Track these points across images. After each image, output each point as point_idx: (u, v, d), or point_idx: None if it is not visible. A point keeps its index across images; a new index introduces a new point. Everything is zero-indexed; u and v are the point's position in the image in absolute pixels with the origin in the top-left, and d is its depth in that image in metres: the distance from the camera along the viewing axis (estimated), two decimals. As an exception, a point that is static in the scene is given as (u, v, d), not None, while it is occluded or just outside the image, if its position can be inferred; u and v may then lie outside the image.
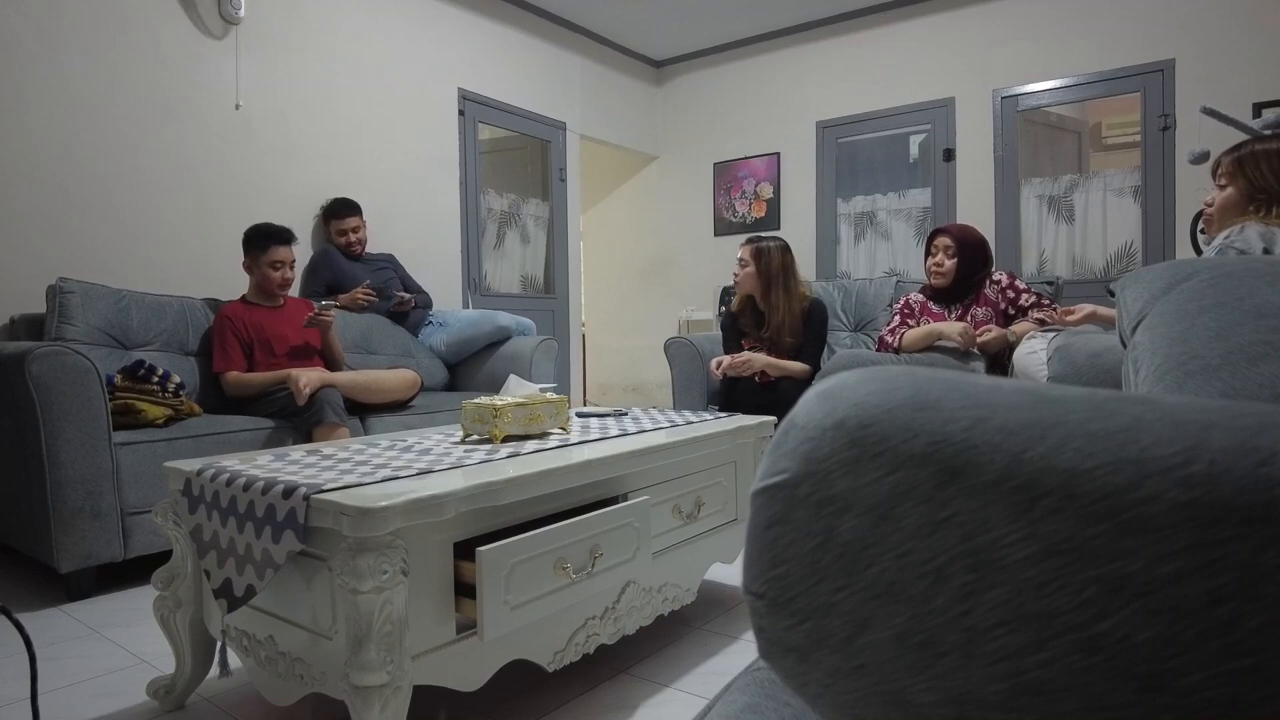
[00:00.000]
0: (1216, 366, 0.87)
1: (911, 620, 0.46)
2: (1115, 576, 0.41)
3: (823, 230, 8.61)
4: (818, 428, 0.50)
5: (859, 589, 0.47)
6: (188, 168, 5.40)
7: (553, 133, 8.40)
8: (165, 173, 5.29)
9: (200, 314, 4.76)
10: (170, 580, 2.44)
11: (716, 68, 9.36)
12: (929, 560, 0.45)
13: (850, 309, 6.10)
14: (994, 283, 4.78)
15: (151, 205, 5.22)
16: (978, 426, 0.46)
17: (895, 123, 8.22)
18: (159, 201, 5.25)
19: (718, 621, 3.13)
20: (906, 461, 0.46)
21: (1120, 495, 0.41)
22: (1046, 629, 0.42)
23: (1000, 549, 0.43)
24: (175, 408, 3.97)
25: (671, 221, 9.69)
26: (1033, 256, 7.49)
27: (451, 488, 1.99)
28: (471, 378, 5.92)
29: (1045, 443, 0.44)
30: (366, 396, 4.60)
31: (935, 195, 7.95)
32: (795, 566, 0.49)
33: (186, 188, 5.39)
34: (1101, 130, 7.95)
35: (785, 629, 0.50)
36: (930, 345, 4.64)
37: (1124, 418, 0.45)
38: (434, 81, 7.09)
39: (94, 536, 3.49)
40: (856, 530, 0.47)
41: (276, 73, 5.89)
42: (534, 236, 8.37)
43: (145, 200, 5.19)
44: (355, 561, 1.80)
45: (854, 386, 0.51)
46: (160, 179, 5.26)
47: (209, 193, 5.50)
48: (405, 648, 1.87)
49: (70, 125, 4.85)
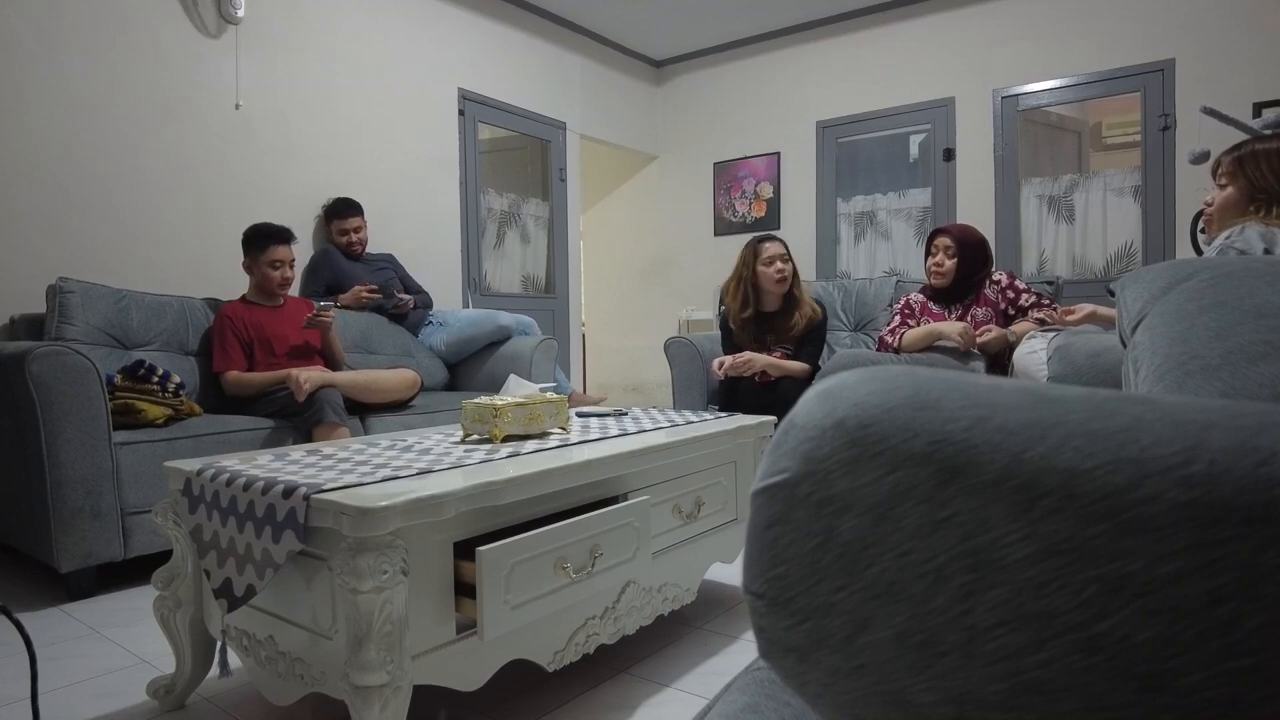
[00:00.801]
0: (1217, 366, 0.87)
1: (911, 620, 0.46)
2: (1115, 576, 0.41)
3: (823, 230, 8.61)
4: (818, 427, 0.50)
5: (859, 589, 0.47)
6: (188, 167, 5.40)
7: (553, 132, 8.39)
8: (165, 172, 5.29)
9: (200, 314, 4.75)
10: (170, 580, 2.44)
11: (716, 67, 9.36)
12: (929, 560, 0.45)
13: (850, 309, 6.10)
14: (994, 283, 4.78)
15: (151, 205, 5.22)
16: (978, 426, 0.46)
17: (895, 122, 8.22)
18: (159, 201, 5.26)
19: (718, 621, 3.13)
20: (906, 461, 0.46)
21: (1120, 495, 0.41)
22: (1046, 629, 0.42)
23: (1000, 549, 0.43)
24: (175, 407, 3.97)
25: (671, 221, 9.68)
26: (1033, 256, 7.50)
27: (451, 487, 1.99)
28: (471, 378, 5.92)
29: (1045, 442, 0.44)
30: (366, 396, 4.59)
31: (935, 195, 7.95)
32: (795, 566, 0.49)
33: (186, 187, 5.39)
34: (1101, 130, 7.94)
35: (785, 629, 0.50)
36: (930, 345, 4.64)
37: (1124, 417, 0.45)
38: (434, 81, 7.09)
39: (94, 536, 3.49)
40: (856, 530, 0.47)
41: (276, 73, 5.89)
42: (534, 236, 8.37)
43: (145, 200, 5.19)
44: (355, 561, 1.80)
45: (854, 386, 0.51)
46: (160, 179, 5.26)
47: (209, 192, 5.51)
48: (405, 647, 1.87)
49: (70, 125, 4.86)
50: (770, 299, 4.98)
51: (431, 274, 6.83)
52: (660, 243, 9.75)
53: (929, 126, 8.01)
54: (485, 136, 7.81)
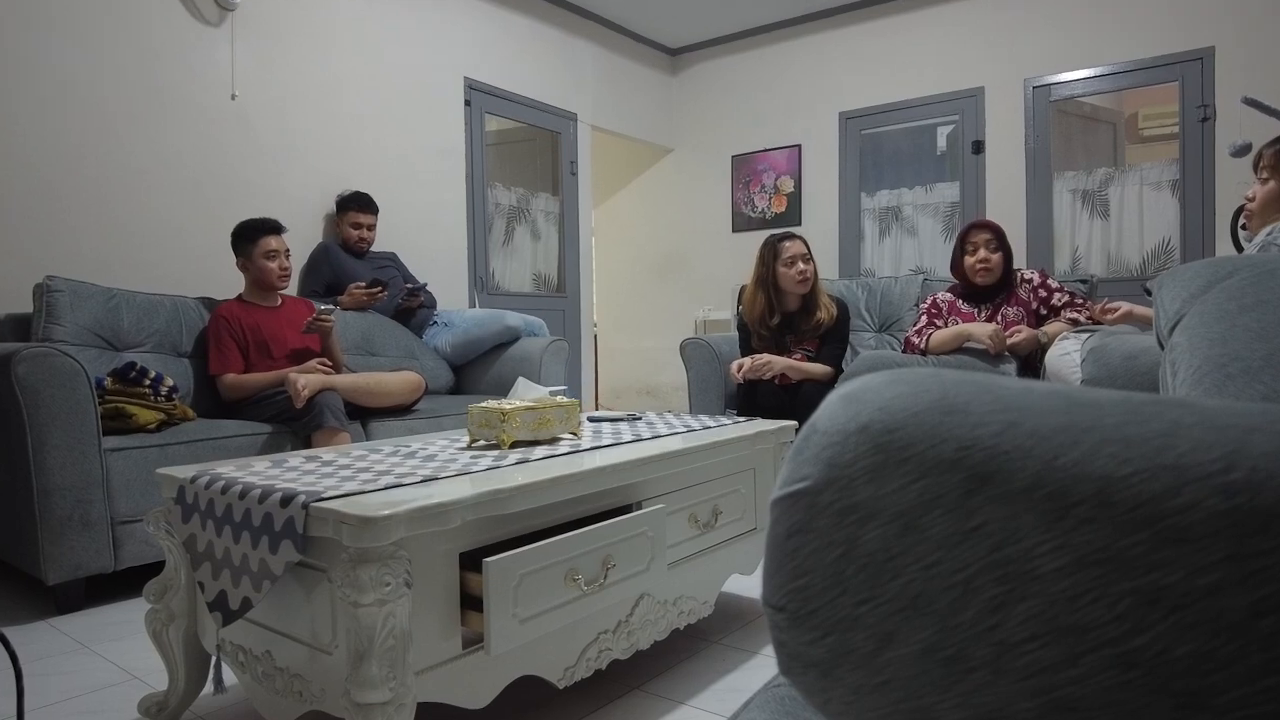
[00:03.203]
0: (1258, 368, 0.87)
1: (939, 634, 0.46)
2: (1152, 588, 0.41)
3: (846, 226, 8.60)
4: (841, 432, 0.50)
5: (884, 601, 0.47)
6: (181, 161, 5.41)
7: (563, 124, 8.40)
8: (157, 166, 5.30)
9: (194, 314, 4.76)
10: (163, 592, 2.44)
11: (734, 56, 9.34)
12: (957, 571, 0.45)
13: (875, 309, 6.10)
14: (1025, 281, 4.77)
15: (143, 200, 5.23)
16: (1008, 431, 0.46)
17: (922, 113, 8.20)
18: (151, 196, 5.27)
19: (736, 636, 3.12)
20: (934, 468, 0.47)
21: (1157, 503, 0.41)
22: (1080, 643, 0.42)
23: (1031, 560, 0.43)
24: (168, 412, 3.98)
25: (687, 217, 9.67)
26: (1066, 253, 7.47)
27: (457, 496, 1.99)
28: (478, 380, 5.92)
29: (1079, 448, 0.44)
30: (368, 400, 4.59)
31: (964, 189, 7.94)
32: (817, 578, 0.49)
33: (180, 181, 5.40)
34: (1138, 121, 7.91)
35: (806, 643, 0.50)
36: (959, 347, 4.63)
37: (1161, 422, 0.45)
38: (438, 70, 7.09)
39: (83, 547, 3.50)
40: (881, 540, 0.47)
41: (274, 61, 5.90)
42: (544, 232, 8.37)
43: (137, 195, 5.20)
44: (356, 573, 1.80)
45: (879, 389, 0.51)
46: (152, 172, 5.28)
47: (203, 187, 5.52)
48: (409, 663, 1.87)
49: (58, 116, 4.87)
50: (791, 299, 4.97)
51: (436, 272, 6.83)
52: (675, 239, 9.74)
53: (957, 118, 7.99)
54: (492, 128, 7.81)
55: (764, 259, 4.96)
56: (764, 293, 4.98)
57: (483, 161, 7.52)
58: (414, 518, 1.88)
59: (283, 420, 4.28)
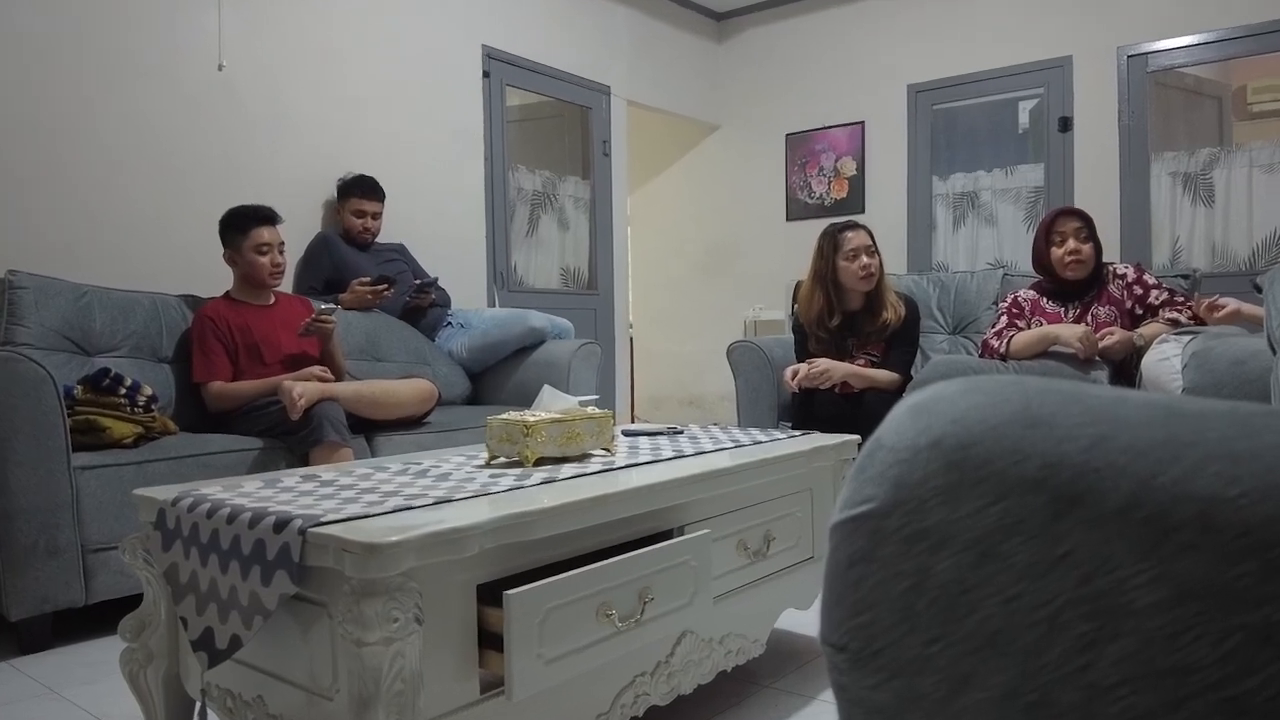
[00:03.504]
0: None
1: (1020, 677, 0.46)
2: (1263, 625, 0.41)
3: (915, 214, 8.57)
4: (909, 448, 0.50)
5: (957, 640, 0.48)
6: (161, 140, 5.42)
7: (595, 98, 8.40)
8: (135, 146, 5.31)
9: (176, 313, 4.78)
10: (140, 630, 2.46)
11: (789, 21, 9.31)
12: (1041, 605, 0.45)
13: (948, 308, 6.07)
14: (1119, 277, 4.74)
15: (118, 184, 5.24)
16: (1099, 446, 0.46)
17: (1001, 86, 8.16)
18: (127, 180, 5.28)
19: (790, 678, 3.12)
20: (1015, 488, 0.47)
21: (1268, 529, 0.41)
22: (1181, 687, 0.42)
23: (1126, 592, 0.43)
24: (146, 424, 4.00)
25: (736, 203, 9.65)
26: (1164, 245, 7.41)
27: (474, 520, 2.00)
28: (498, 389, 5.92)
29: (1179, 466, 0.44)
30: (373, 411, 4.60)
31: (1049, 172, 7.89)
32: (882, 613, 0.50)
33: (160, 163, 5.41)
34: (1247, 95, 7.84)
35: (870, 687, 0.51)
36: (1044, 351, 4.61)
37: (1273, 435, 0.45)
38: (453, 38, 7.09)
39: (50, 578, 3.51)
40: (955, 570, 0.48)
41: (266, 27, 5.91)
42: (574, 221, 8.37)
43: (111, 178, 5.21)
44: (360, 607, 1.80)
45: (952, 400, 0.51)
46: (129, 153, 5.29)
47: (186, 169, 5.53)
48: (419, 709, 1.88)
49: (22, 90, 4.88)
50: (854, 297, 4.95)
51: (451, 266, 6.76)
52: (722, 229, 9.72)
53: (1042, 91, 7.94)
54: (514, 103, 7.83)
55: (822, 251, 4.94)
56: (822, 290, 4.95)
57: (503, 141, 7.52)
58: (425, 545, 1.88)
59: (276, 434, 4.29)
